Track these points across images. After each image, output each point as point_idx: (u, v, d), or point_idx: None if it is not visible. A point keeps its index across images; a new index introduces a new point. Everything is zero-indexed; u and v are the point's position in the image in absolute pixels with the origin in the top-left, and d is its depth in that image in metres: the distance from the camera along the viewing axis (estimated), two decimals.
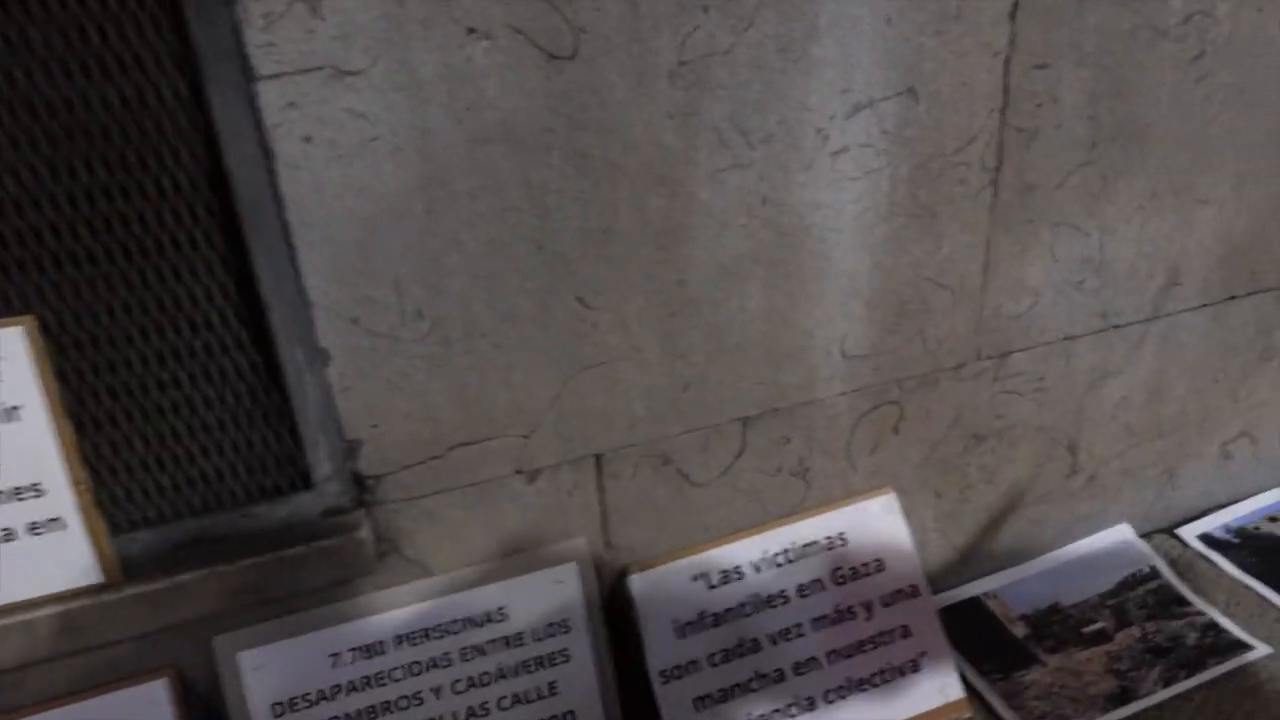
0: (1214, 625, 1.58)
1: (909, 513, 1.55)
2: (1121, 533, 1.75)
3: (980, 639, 1.59)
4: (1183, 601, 1.64)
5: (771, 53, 1.15)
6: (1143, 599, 1.65)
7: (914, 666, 1.46)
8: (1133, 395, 1.62)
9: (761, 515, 1.46)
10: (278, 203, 1.05)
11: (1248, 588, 1.65)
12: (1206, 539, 1.76)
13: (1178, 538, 1.77)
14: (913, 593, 1.48)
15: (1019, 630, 1.60)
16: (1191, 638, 1.56)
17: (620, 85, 1.11)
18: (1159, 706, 1.45)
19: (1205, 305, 1.58)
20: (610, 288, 1.21)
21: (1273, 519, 1.80)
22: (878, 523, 1.50)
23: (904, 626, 1.47)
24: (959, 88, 1.25)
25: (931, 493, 1.56)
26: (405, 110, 1.05)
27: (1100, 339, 1.53)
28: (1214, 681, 1.48)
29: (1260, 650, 1.52)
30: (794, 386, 1.37)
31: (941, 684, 1.46)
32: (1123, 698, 1.47)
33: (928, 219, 1.33)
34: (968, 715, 1.46)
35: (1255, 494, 1.84)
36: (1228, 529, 1.78)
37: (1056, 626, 1.61)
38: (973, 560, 1.66)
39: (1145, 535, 1.78)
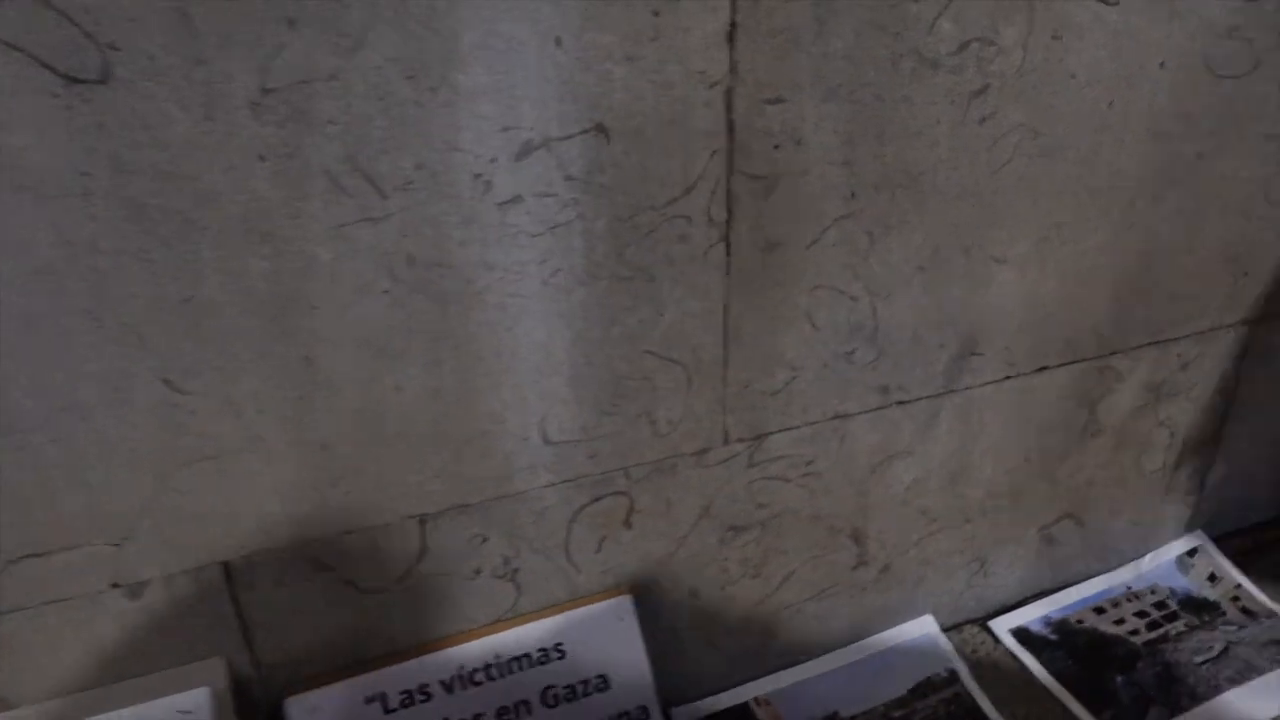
0: None
1: (657, 614, 1.32)
2: (924, 627, 1.53)
3: None
4: (978, 714, 1.42)
5: (397, 80, 0.89)
6: (934, 710, 1.43)
7: None
8: (928, 478, 1.40)
9: (462, 624, 1.22)
10: None
11: (1054, 698, 1.44)
12: (1021, 634, 1.55)
13: (990, 631, 1.56)
14: (641, 716, 1.26)
15: None
16: None
17: (182, 119, 0.85)
18: None
19: (1010, 377, 1.36)
20: (208, 367, 0.96)
21: (1098, 610, 1.59)
22: (605, 631, 1.26)
23: None
24: (666, 125, 1.01)
25: (685, 591, 1.33)
26: None
27: (881, 417, 1.30)
28: None
29: None
30: (484, 478, 1.13)
31: None
32: None
33: (642, 282, 1.08)
34: None
35: (1082, 580, 1.63)
36: (1047, 621, 1.57)
37: None
38: (743, 661, 1.44)
39: (955, 627, 1.57)
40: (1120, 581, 1.63)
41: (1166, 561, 1.66)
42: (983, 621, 1.57)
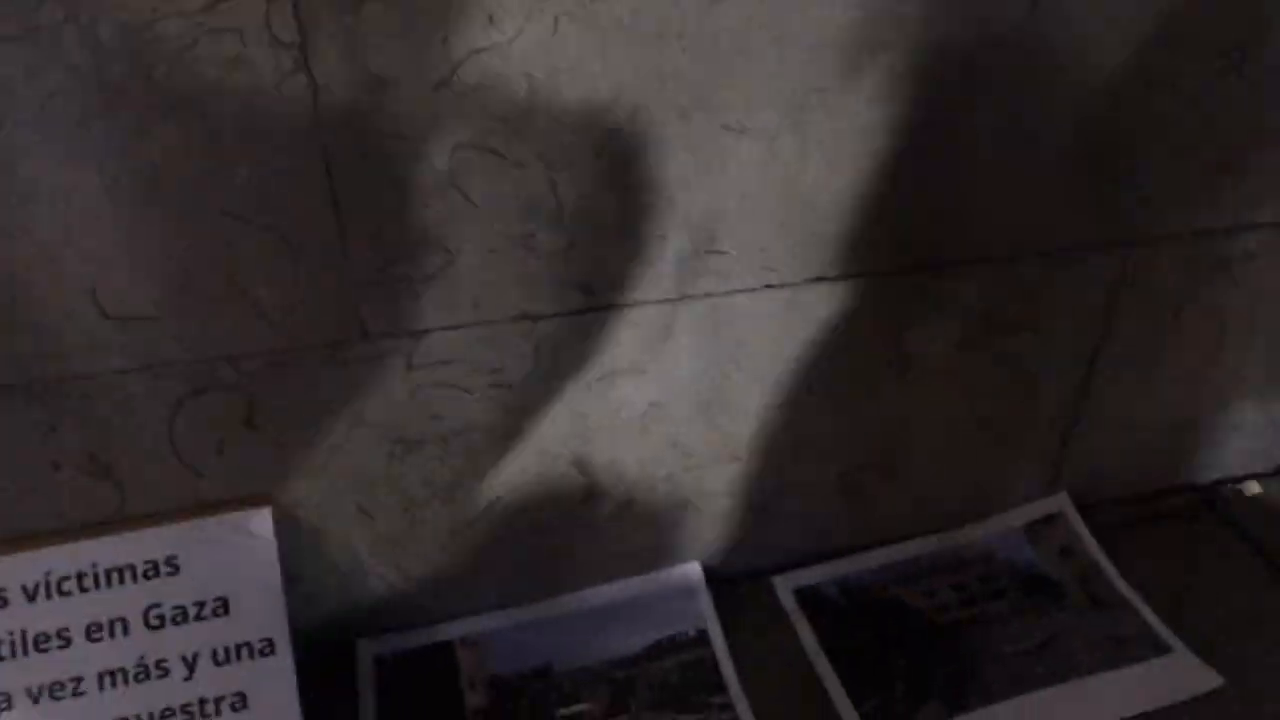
0: None
1: (322, 535, 1.12)
2: (683, 577, 1.29)
3: (417, 707, 1.17)
4: (715, 686, 1.19)
5: None
6: (665, 674, 1.20)
7: None
8: (671, 404, 1.13)
9: (53, 522, 1.03)
10: None
11: (815, 677, 1.20)
12: (806, 595, 1.30)
13: (771, 589, 1.31)
14: (266, 649, 1.06)
15: (476, 699, 1.18)
16: None
17: None
18: None
19: (774, 287, 1.07)
20: None
21: (911, 577, 1.32)
22: (233, 548, 1.06)
23: (241, 694, 1.05)
24: None
25: (353, 510, 1.12)
26: None
27: (589, 322, 1.04)
28: None
29: None
30: (27, 355, 0.92)
31: None
32: None
33: (192, 119, 0.83)
34: None
35: (904, 540, 1.36)
36: (844, 584, 1.31)
37: (529, 700, 1.18)
38: (449, 596, 1.23)
39: (731, 580, 1.32)
40: (950, 546, 1.35)
41: (1014, 528, 1.37)
42: (766, 576, 1.32)
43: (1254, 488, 1.42)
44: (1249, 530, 1.37)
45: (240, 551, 1.06)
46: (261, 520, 1.07)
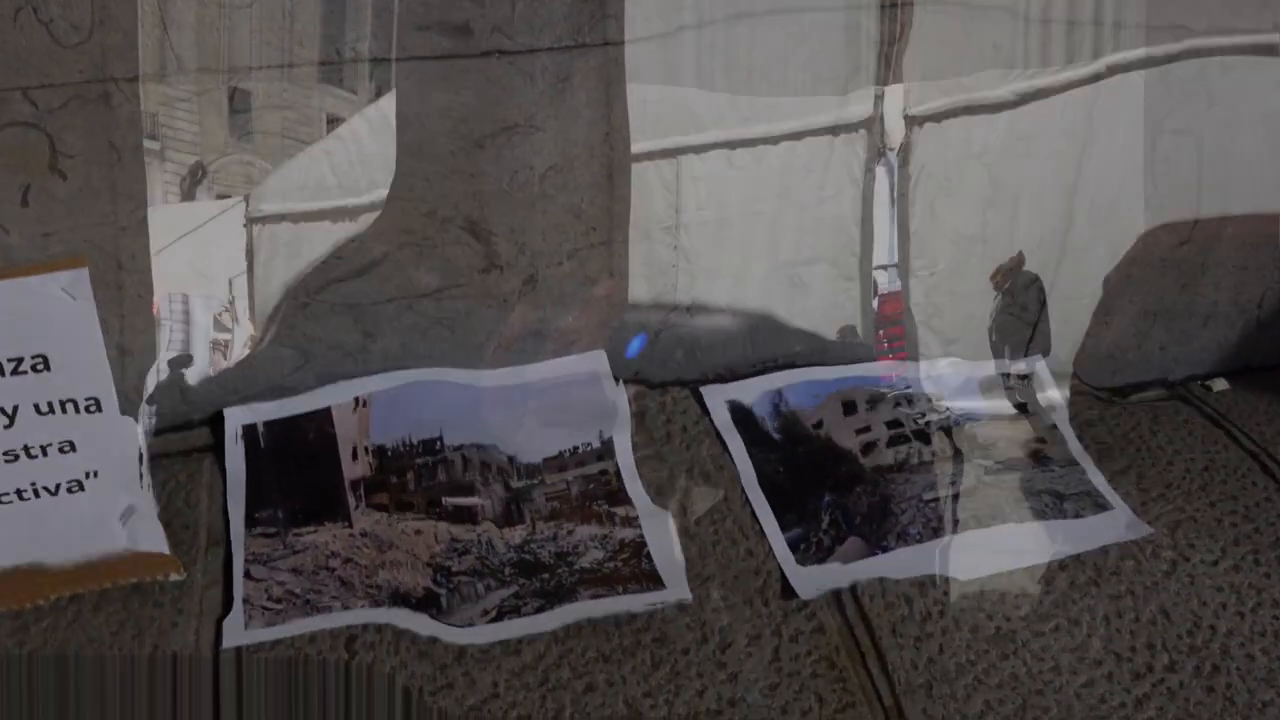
0: (638, 545, 1.02)
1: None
2: (591, 364, 1.13)
3: (291, 480, 1.06)
4: (622, 497, 1.07)
5: None
6: (567, 485, 1.08)
7: (78, 485, 0.97)
8: (573, 167, 0.95)
9: None
10: None
11: (745, 501, 1.06)
12: (738, 410, 1.15)
13: (699, 399, 1.16)
14: (92, 407, 0.96)
15: (357, 469, 1.07)
16: (589, 558, 1.01)
17: None
18: (460, 651, 0.93)
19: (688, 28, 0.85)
20: None
21: (849, 406, 1.15)
22: (49, 309, 0.94)
23: (69, 441, 0.96)
24: None
25: None
26: None
27: (472, 70, 0.84)
28: (573, 630, 0.92)
29: (670, 594, 0.96)
30: None
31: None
32: (421, 604, 0.95)
33: None
34: (176, 577, 0.97)
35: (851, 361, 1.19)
36: (776, 408, 1.16)
37: (416, 475, 1.06)
38: (328, 358, 1.09)
39: (660, 386, 1.17)
40: (897, 378, 1.19)
41: (971, 376, 1.21)
42: (693, 385, 1.17)
43: (1221, 384, 1.30)
44: (1214, 416, 1.23)
45: (56, 313, 0.94)
46: (75, 281, 0.93)
